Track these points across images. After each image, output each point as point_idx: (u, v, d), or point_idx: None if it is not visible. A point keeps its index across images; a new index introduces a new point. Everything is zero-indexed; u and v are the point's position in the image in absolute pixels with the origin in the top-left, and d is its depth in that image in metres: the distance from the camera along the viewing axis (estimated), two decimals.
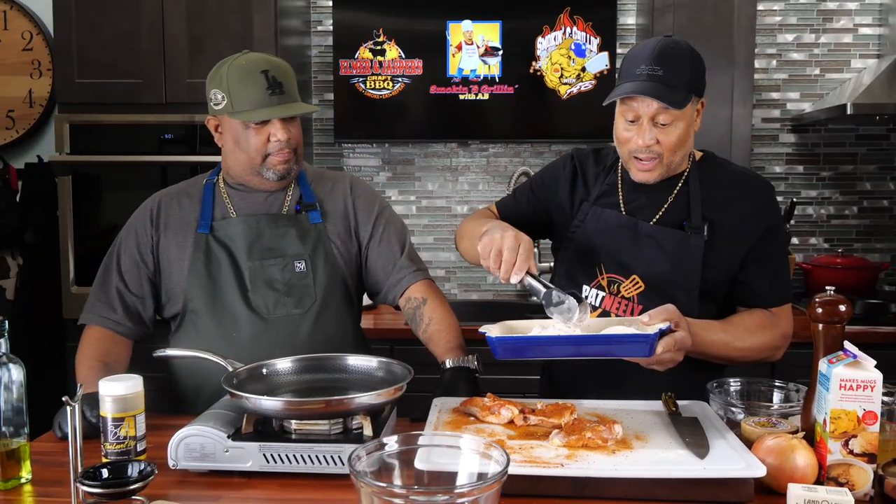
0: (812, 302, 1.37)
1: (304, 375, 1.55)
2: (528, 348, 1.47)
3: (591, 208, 1.79)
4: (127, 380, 1.36)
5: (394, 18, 3.32)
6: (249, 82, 1.71)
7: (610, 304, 1.73)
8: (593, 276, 1.75)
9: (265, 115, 1.70)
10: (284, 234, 1.80)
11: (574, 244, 1.79)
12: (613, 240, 1.74)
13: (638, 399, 1.59)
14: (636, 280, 1.71)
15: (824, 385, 1.28)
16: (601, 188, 1.80)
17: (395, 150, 3.49)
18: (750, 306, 1.74)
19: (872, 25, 3.35)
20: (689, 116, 1.64)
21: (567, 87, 3.33)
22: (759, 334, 1.68)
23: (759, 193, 1.73)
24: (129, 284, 1.80)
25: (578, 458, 1.29)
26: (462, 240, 1.87)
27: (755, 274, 1.71)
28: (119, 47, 2.89)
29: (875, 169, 3.41)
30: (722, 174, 1.76)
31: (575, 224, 1.80)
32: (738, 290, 1.73)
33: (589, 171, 1.84)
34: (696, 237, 1.68)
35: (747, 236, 1.69)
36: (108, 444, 1.34)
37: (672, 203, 1.73)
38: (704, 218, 1.70)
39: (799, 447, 1.27)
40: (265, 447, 1.34)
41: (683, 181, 1.74)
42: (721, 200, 1.71)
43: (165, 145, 2.93)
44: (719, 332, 1.63)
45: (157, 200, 1.85)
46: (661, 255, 1.70)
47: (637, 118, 1.63)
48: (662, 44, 1.63)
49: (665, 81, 1.59)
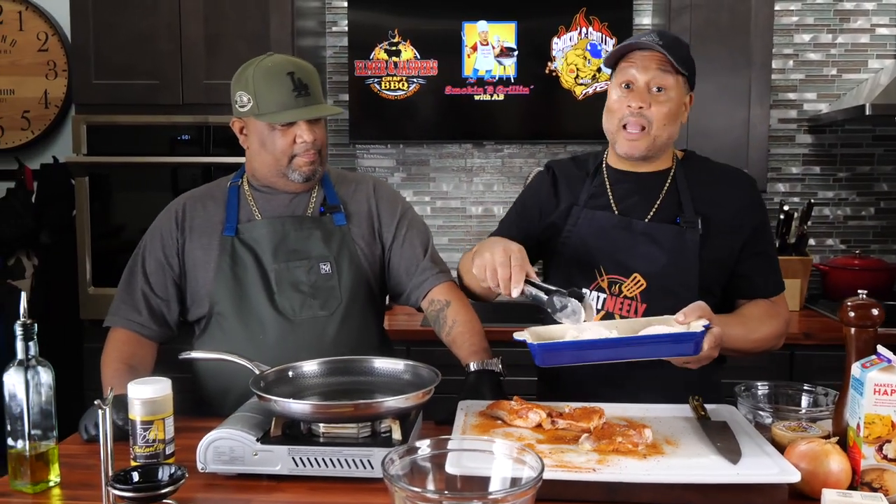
0: (844, 306, 1.36)
1: (331, 378, 1.55)
2: (570, 353, 1.45)
3: (582, 211, 1.78)
4: (156, 383, 1.35)
5: (409, 19, 3.31)
6: (275, 84, 1.71)
7: (612, 305, 1.72)
8: (592, 278, 1.75)
9: (291, 116, 1.70)
10: (309, 236, 1.79)
11: (569, 249, 1.78)
12: (609, 241, 1.74)
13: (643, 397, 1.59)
14: (637, 279, 1.71)
15: (858, 390, 1.27)
16: (589, 191, 1.80)
17: (410, 150, 3.49)
18: (750, 298, 1.76)
19: (889, 26, 3.33)
20: (680, 93, 1.68)
21: (582, 87, 3.32)
22: (767, 324, 1.71)
23: (747, 188, 1.77)
24: (155, 287, 1.80)
25: (610, 462, 1.28)
26: (464, 276, 1.84)
27: (754, 266, 1.75)
28: (136, 48, 2.89)
29: (892, 170, 3.39)
30: (706, 170, 1.79)
31: (567, 229, 1.79)
32: (738, 283, 1.76)
33: (572, 174, 1.84)
34: (692, 231, 1.70)
35: (740, 230, 1.72)
36: (136, 448, 1.34)
37: (663, 200, 1.74)
38: (696, 212, 1.72)
39: (832, 452, 1.26)
40: (294, 450, 1.34)
41: (671, 178, 1.76)
42: (710, 196, 1.74)
43: (182, 146, 2.92)
44: (736, 325, 1.64)
45: (181, 203, 1.85)
46: (659, 251, 1.71)
47: (633, 82, 1.67)
48: (660, 30, 1.68)
49: (664, 47, 1.64)
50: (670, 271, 1.69)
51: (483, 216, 3.48)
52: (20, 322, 1.32)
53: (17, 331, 1.32)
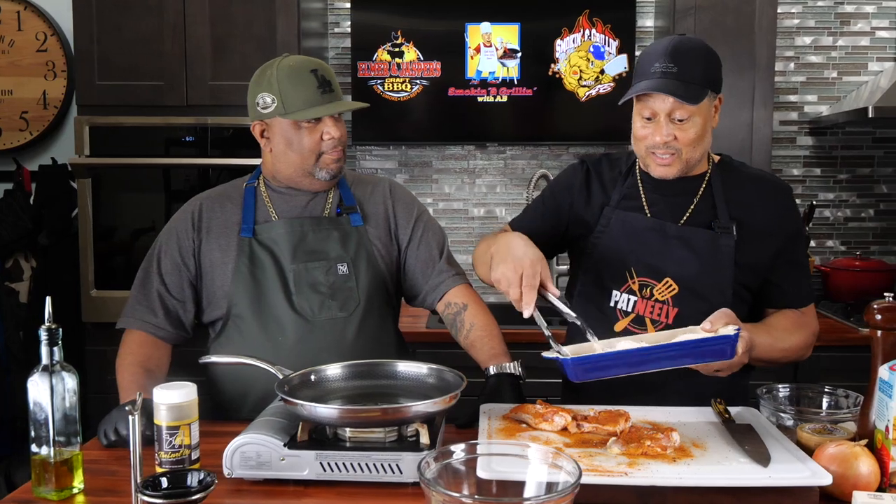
0: (870, 308, 1.36)
1: (354, 382, 1.54)
2: (605, 366, 1.43)
3: (615, 212, 1.77)
4: (182, 387, 1.34)
5: (412, 20, 3.31)
6: (301, 82, 1.71)
7: (643, 308, 1.72)
8: (623, 280, 1.74)
9: (320, 112, 1.71)
10: (327, 236, 1.79)
11: (600, 250, 1.77)
12: (642, 243, 1.73)
13: (674, 405, 1.58)
14: (669, 283, 1.70)
15: (887, 392, 1.28)
16: (622, 192, 1.79)
17: (412, 152, 3.48)
18: (779, 307, 1.75)
19: (889, 29, 3.35)
20: (705, 112, 1.64)
21: (586, 89, 3.33)
22: (795, 334, 1.70)
23: (783, 196, 1.75)
24: (171, 288, 1.78)
25: (641, 466, 1.28)
26: (478, 265, 1.82)
27: (786, 275, 1.73)
28: (140, 49, 2.87)
29: (892, 172, 3.42)
30: (742, 176, 1.77)
31: (598, 230, 1.78)
32: (769, 291, 1.75)
33: (605, 175, 1.83)
34: (726, 237, 1.69)
35: (775, 238, 1.71)
36: (162, 453, 1.33)
37: (697, 205, 1.73)
38: (731, 217, 1.70)
39: (862, 454, 1.27)
40: (322, 455, 1.33)
41: (706, 183, 1.74)
42: (745, 202, 1.72)
43: (186, 148, 2.90)
44: (764, 334, 1.63)
45: (197, 204, 1.83)
46: (692, 256, 1.70)
47: (654, 115, 1.63)
48: (676, 41, 1.63)
49: (680, 77, 1.59)
50: (703, 276, 1.68)
51: (485, 217, 3.48)
52: (45, 327, 1.31)
53: (42, 335, 1.30)
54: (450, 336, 2.64)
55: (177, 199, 2.93)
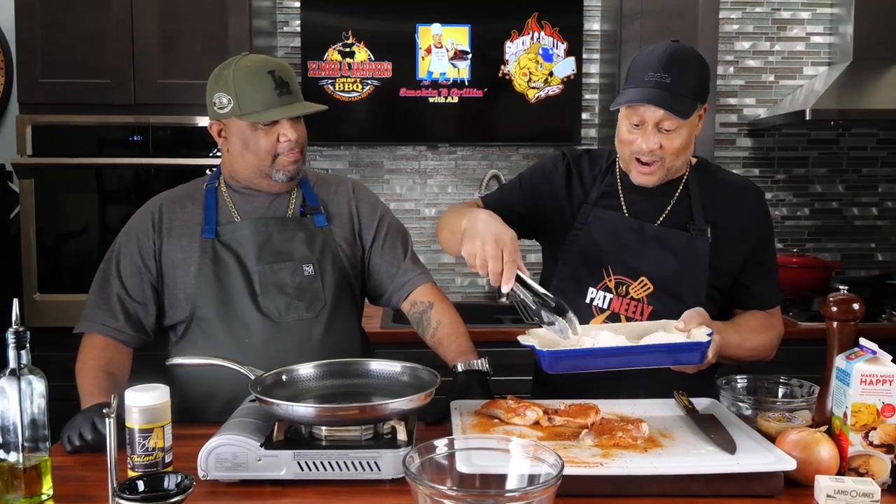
0: (826, 301, 1.43)
1: (327, 381, 1.53)
2: (581, 360, 1.46)
3: (593, 210, 1.80)
4: (154, 389, 1.32)
5: (363, 20, 3.31)
6: (257, 83, 1.69)
7: (618, 305, 1.76)
8: (600, 278, 1.77)
9: (276, 115, 1.69)
10: (292, 237, 1.78)
11: (577, 247, 1.80)
12: (619, 242, 1.76)
13: (641, 398, 1.63)
14: (645, 282, 1.74)
15: (844, 381, 1.34)
16: (600, 190, 1.81)
17: (363, 152, 3.48)
18: (747, 308, 1.80)
19: (823, 34, 3.50)
20: (692, 123, 1.67)
21: (535, 90, 3.38)
22: (762, 334, 1.75)
23: (755, 200, 1.80)
24: (131, 291, 1.75)
25: (615, 457, 1.32)
26: (442, 230, 1.82)
27: (755, 277, 1.78)
28: (86, 46, 2.80)
29: (826, 172, 3.57)
30: (717, 180, 1.81)
31: (577, 226, 1.81)
32: (738, 292, 1.79)
33: (584, 171, 1.85)
34: (702, 239, 1.73)
35: (747, 239, 1.75)
36: (135, 457, 1.30)
37: (674, 206, 1.77)
38: (707, 220, 1.74)
39: (822, 440, 1.33)
40: (300, 455, 1.32)
41: (683, 185, 1.78)
42: (720, 205, 1.76)
43: (134, 147, 2.84)
44: (732, 333, 1.67)
45: (157, 204, 1.80)
46: (668, 256, 1.74)
47: (642, 123, 1.65)
48: (671, 50, 1.63)
49: (672, 89, 1.61)
50: (679, 277, 1.72)
51: (437, 218, 3.50)
52: (12, 329, 1.27)
53: (10, 338, 1.27)
54: (407, 335, 2.68)
55: (122, 200, 2.87)
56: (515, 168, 3.47)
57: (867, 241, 3.60)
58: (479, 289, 3.54)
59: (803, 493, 1.30)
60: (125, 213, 2.85)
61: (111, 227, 2.87)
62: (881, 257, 3.61)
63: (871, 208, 3.59)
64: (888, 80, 3.21)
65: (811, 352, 2.40)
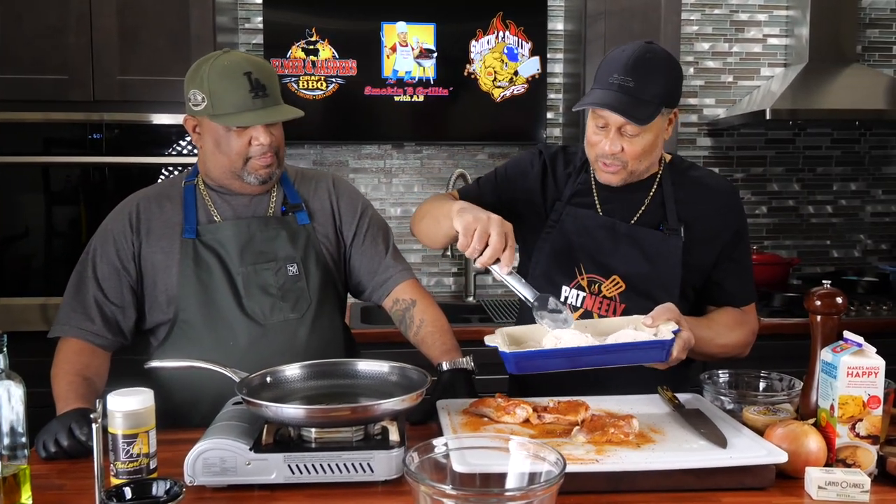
0: (810, 295, 1.45)
1: (314, 382, 1.50)
2: (545, 361, 1.45)
3: (566, 208, 1.79)
4: (138, 394, 1.27)
5: (327, 18, 3.27)
6: (231, 84, 1.64)
7: (591, 303, 1.76)
8: (572, 276, 1.77)
9: (248, 120, 1.64)
10: (275, 236, 1.74)
11: (550, 244, 1.80)
12: (592, 240, 1.76)
13: (619, 394, 1.63)
14: (616, 280, 1.75)
15: (830, 373, 1.36)
16: (574, 188, 1.81)
17: (328, 151, 3.44)
18: (720, 305, 1.81)
19: (780, 36, 3.58)
20: (657, 127, 1.64)
21: (500, 90, 3.38)
22: (735, 331, 1.76)
23: (728, 195, 1.80)
24: (108, 293, 1.69)
25: (609, 453, 1.32)
26: (422, 219, 1.79)
27: (727, 274, 1.78)
28: (43, 41, 2.70)
29: (783, 171, 3.65)
30: (692, 177, 1.81)
31: (550, 224, 1.81)
32: (711, 289, 1.80)
33: (559, 168, 1.84)
34: (675, 238, 1.73)
35: (720, 237, 1.76)
36: (119, 463, 1.26)
37: (648, 205, 1.77)
38: (680, 219, 1.75)
39: (811, 433, 1.35)
40: (290, 458, 1.29)
41: (657, 184, 1.78)
42: (693, 202, 1.76)
43: (93, 145, 2.76)
44: (705, 328, 1.69)
45: (134, 204, 1.74)
46: (641, 255, 1.74)
47: (606, 125, 1.64)
48: (639, 53, 1.61)
49: (635, 94, 1.58)
50: (651, 275, 1.72)
51: (402, 217, 3.47)
52: None
53: None
54: (385, 334, 2.65)
55: (81, 199, 2.78)
56: (481, 167, 3.47)
57: (822, 238, 3.69)
58: (446, 288, 3.53)
59: (793, 484, 1.31)
60: (73, 214, 2.78)
61: (58, 229, 2.79)
62: (836, 254, 3.70)
63: (826, 206, 3.68)
64: (842, 81, 3.30)
65: (773, 346, 2.46)
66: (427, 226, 1.76)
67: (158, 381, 1.66)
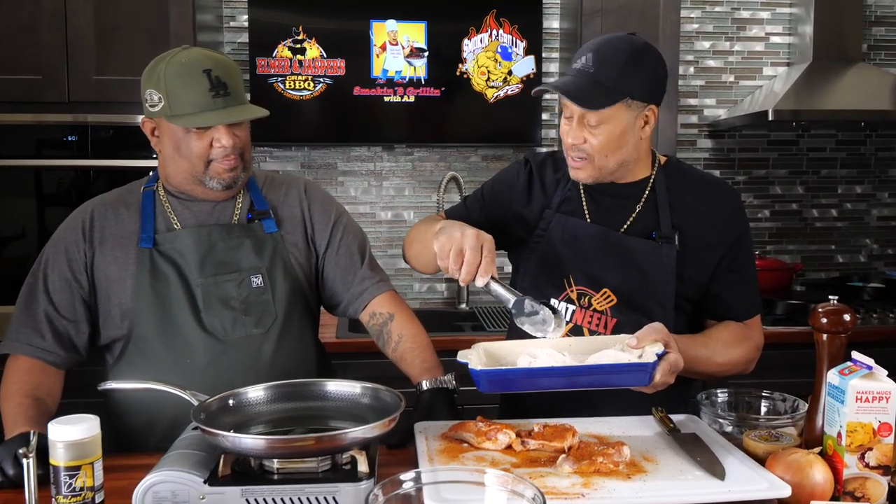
0: (815, 311, 1.34)
1: (279, 404, 1.39)
2: (517, 381, 1.35)
3: (555, 216, 1.69)
4: (82, 421, 1.16)
5: (314, 16, 3.16)
6: (190, 83, 1.53)
7: (581, 317, 1.65)
8: (562, 288, 1.67)
9: (208, 120, 1.53)
10: (239, 245, 1.63)
11: (538, 254, 1.69)
12: (581, 250, 1.65)
13: (613, 415, 1.52)
14: (607, 293, 1.63)
15: (837, 398, 1.25)
16: (563, 194, 1.71)
17: (316, 153, 3.33)
18: (722, 319, 1.69)
19: (783, 34, 3.47)
20: (619, 120, 1.53)
21: (494, 90, 3.27)
22: (736, 348, 1.63)
23: (728, 200, 1.68)
24: (59, 307, 1.58)
25: (596, 485, 1.21)
26: (412, 244, 1.72)
27: (728, 285, 1.66)
28: (15, 40, 2.60)
29: (786, 173, 3.53)
30: (688, 180, 1.69)
31: (538, 233, 1.70)
32: (710, 302, 1.68)
33: (547, 176, 1.74)
34: (668, 247, 1.61)
35: (718, 245, 1.64)
36: (61, 498, 1.15)
37: (640, 211, 1.65)
38: (674, 226, 1.63)
39: (816, 462, 1.24)
40: (248, 491, 1.18)
41: (650, 188, 1.67)
42: (690, 207, 1.65)
43: (68, 148, 2.66)
44: (701, 347, 1.57)
45: (88, 212, 1.64)
46: (632, 267, 1.62)
47: (571, 115, 1.56)
48: (606, 39, 1.55)
49: (593, 79, 1.51)
50: (643, 288, 1.61)
51: (393, 221, 3.37)
52: None
53: None
54: (367, 346, 2.54)
55: (55, 204, 2.68)
56: (474, 169, 3.36)
57: (827, 242, 3.58)
58: (438, 295, 3.42)
59: None
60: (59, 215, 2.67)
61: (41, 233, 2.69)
62: (841, 259, 3.59)
63: (831, 210, 3.57)
64: (847, 81, 3.19)
65: (776, 356, 2.35)
66: (417, 252, 1.70)
67: (113, 400, 1.56)
